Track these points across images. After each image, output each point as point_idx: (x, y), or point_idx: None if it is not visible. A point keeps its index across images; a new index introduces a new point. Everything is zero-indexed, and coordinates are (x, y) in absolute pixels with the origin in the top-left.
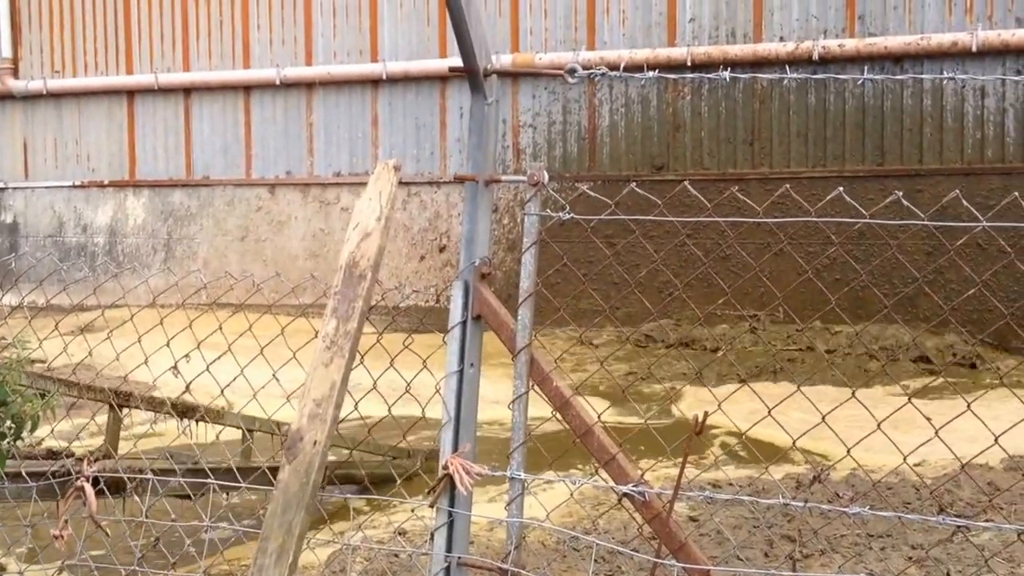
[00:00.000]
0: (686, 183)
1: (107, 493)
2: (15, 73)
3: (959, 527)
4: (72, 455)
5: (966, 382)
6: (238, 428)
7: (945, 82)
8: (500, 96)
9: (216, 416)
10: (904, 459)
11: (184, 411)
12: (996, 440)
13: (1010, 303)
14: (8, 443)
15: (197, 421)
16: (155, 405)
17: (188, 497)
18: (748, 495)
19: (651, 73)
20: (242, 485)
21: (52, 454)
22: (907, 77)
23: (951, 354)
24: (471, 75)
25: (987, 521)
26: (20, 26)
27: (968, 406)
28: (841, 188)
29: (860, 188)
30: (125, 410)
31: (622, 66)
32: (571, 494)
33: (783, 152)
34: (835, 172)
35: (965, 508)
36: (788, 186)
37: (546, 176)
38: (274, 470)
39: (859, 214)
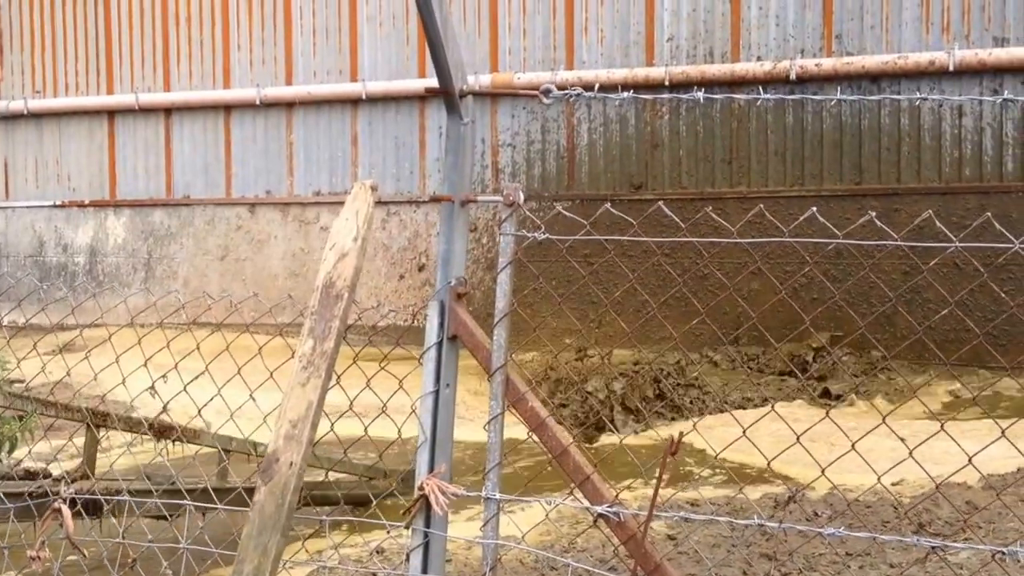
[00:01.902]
0: (660, 204)
1: (84, 515)
2: None
3: (933, 547)
4: (49, 475)
5: (941, 401)
6: (214, 448)
7: (922, 101)
8: (477, 116)
9: (192, 436)
10: (879, 479)
11: (161, 431)
12: (970, 460)
13: (987, 322)
14: None
15: (174, 441)
16: (132, 425)
17: (164, 518)
18: (726, 514)
19: (625, 93)
20: (218, 507)
21: (30, 474)
22: (880, 97)
23: (926, 374)
24: (447, 96)
25: (965, 540)
26: (1, 47)
27: (941, 426)
28: (815, 208)
29: (838, 207)
30: (103, 430)
31: (596, 87)
32: (546, 515)
33: (761, 171)
34: (813, 191)
35: (943, 527)
36: (762, 206)
37: (521, 196)
38: (250, 491)
39: (835, 233)
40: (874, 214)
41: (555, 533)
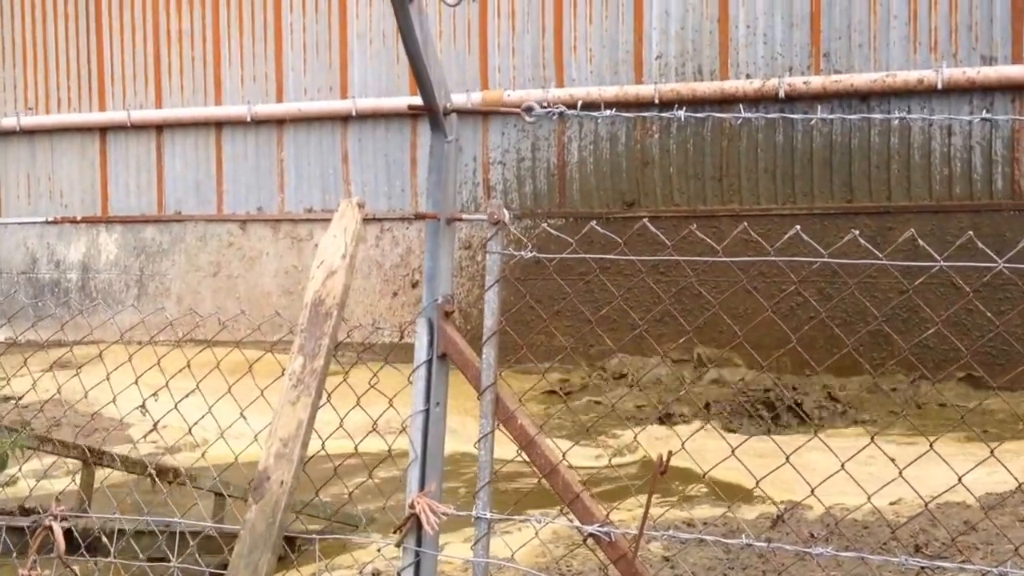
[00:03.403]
0: (645, 221)
1: (85, 554)
2: None
3: (923, 567)
4: (44, 511)
5: (934, 422)
6: (212, 492)
7: (912, 119)
8: (468, 134)
9: (190, 479)
10: (868, 498)
11: (158, 472)
12: (959, 480)
13: (982, 340)
14: None
15: (170, 483)
16: (129, 465)
17: (165, 559)
18: (721, 534)
19: (608, 112)
20: (204, 569)
21: (25, 511)
22: (860, 117)
23: (916, 394)
24: (431, 113)
25: (963, 561)
26: None
27: (931, 445)
28: (799, 227)
29: (831, 225)
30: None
31: (579, 104)
32: (536, 534)
33: (752, 189)
34: (805, 209)
35: (940, 548)
36: (746, 224)
37: (507, 215)
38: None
39: (828, 251)
40: (857, 232)
41: (549, 554)
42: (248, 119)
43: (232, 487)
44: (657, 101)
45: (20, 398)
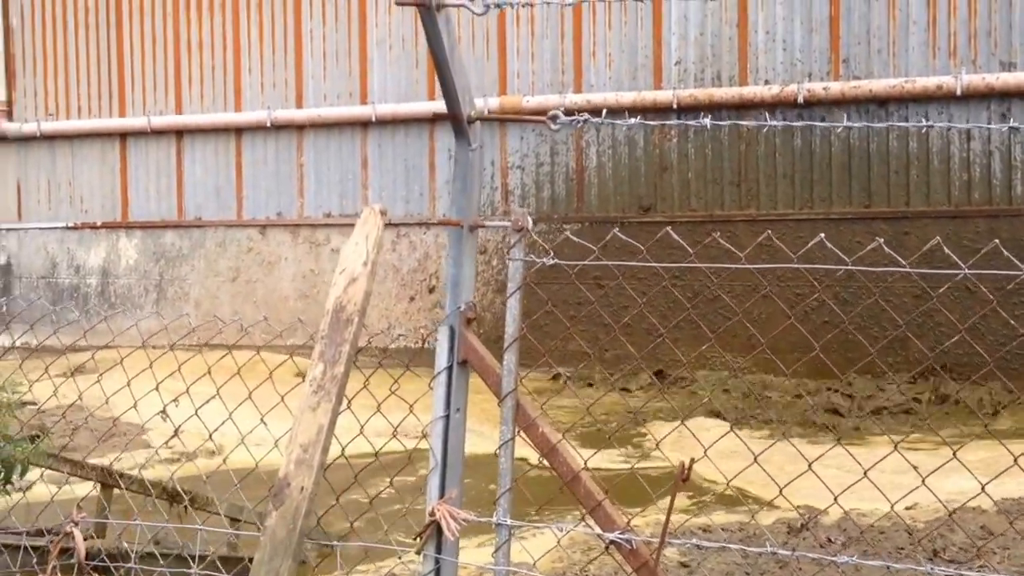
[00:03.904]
0: (668, 229)
1: (106, 560)
2: (9, 115)
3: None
4: (60, 533)
5: (956, 428)
6: (226, 518)
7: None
8: (486, 138)
9: (204, 504)
10: (892, 506)
11: (172, 496)
12: (983, 488)
13: (999, 347)
14: None
15: (185, 508)
16: (144, 488)
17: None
18: (739, 541)
19: (632, 120)
20: None
21: (40, 532)
22: (884, 124)
23: (935, 399)
24: (455, 121)
25: (980, 568)
26: (14, 69)
27: (954, 454)
28: (823, 235)
29: (848, 230)
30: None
31: (603, 112)
32: (558, 541)
33: (770, 194)
34: (822, 214)
35: (958, 553)
36: (771, 231)
37: (530, 221)
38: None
39: (845, 259)
40: (882, 240)
41: (567, 560)
42: (268, 125)
43: (246, 511)
44: (675, 107)
45: (41, 405)
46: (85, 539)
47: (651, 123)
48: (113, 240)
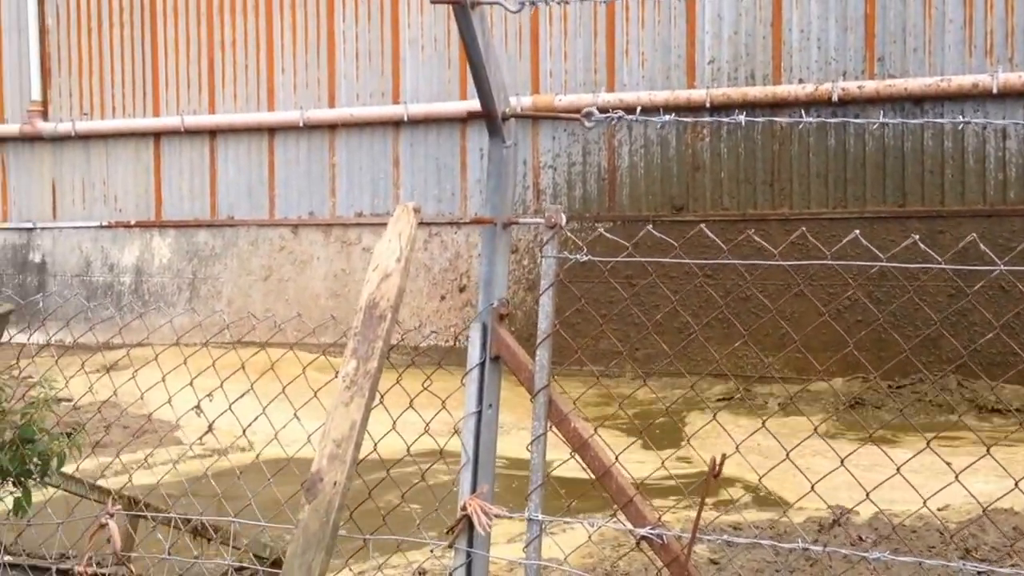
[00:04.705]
0: (703, 226)
1: (141, 552)
2: (44, 115)
3: (979, 572)
4: (96, 525)
5: (988, 426)
6: (252, 553)
7: (966, 124)
8: (519, 138)
9: (226, 538)
10: (924, 503)
11: (197, 531)
12: (1017, 484)
13: None
14: (35, 480)
15: (209, 541)
16: (166, 520)
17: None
18: (769, 538)
19: (667, 116)
20: (259, 568)
21: (63, 557)
22: (921, 121)
23: (969, 399)
24: (489, 119)
25: (1012, 566)
26: (49, 69)
27: (988, 450)
28: (858, 231)
29: (881, 229)
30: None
31: (638, 110)
32: (589, 536)
33: (803, 193)
34: (855, 213)
35: (990, 552)
36: (804, 229)
37: (564, 218)
38: None
39: (879, 255)
40: (917, 237)
41: (597, 556)
42: (300, 124)
43: (269, 549)
44: (708, 105)
45: (76, 401)
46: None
47: (685, 119)
48: (147, 239)
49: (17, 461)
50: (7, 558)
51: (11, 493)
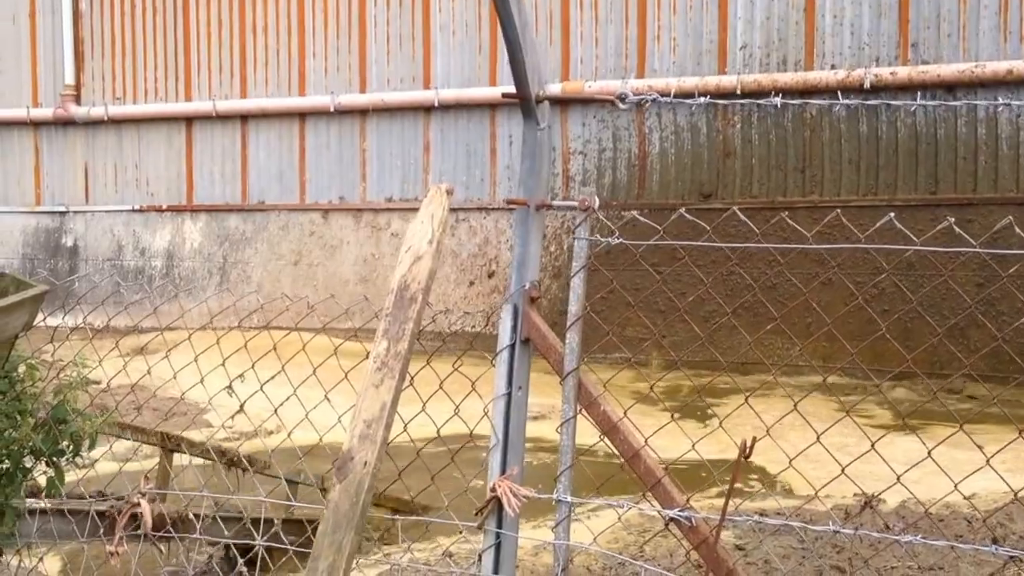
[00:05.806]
0: (735, 209)
1: (171, 531)
2: (77, 99)
3: (1011, 558)
4: (121, 498)
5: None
6: (280, 479)
7: (1000, 110)
8: (551, 123)
9: (261, 467)
10: (955, 486)
11: (231, 462)
12: None
13: None
14: (67, 460)
15: (243, 471)
16: (203, 453)
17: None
18: (799, 522)
19: (702, 99)
20: (289, 548)
21: (101, 495)
22: (959, 103)
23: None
24: (523, 101)
25: None
26: (83, 54)
27: (1020, 432)
28: (892, 214)
29: (911, 217)
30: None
31: (672, 93)
32: (619, 518)
33: (834, 180)
34: (886, 200)
35: (1018, 541)
36: (839, 211)
37: (596, 202)
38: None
39: (910, 241)
40: (952, 220)
41: (622, 540)
42: (331, 109)
43: (303, 475)
44: (739, 92)
45: (107, 383)
46: (150, 490)
47: (719, 102)
48: (178, 223)
49: (50, 441)
50: (45, 503)
51: (44, 473)
